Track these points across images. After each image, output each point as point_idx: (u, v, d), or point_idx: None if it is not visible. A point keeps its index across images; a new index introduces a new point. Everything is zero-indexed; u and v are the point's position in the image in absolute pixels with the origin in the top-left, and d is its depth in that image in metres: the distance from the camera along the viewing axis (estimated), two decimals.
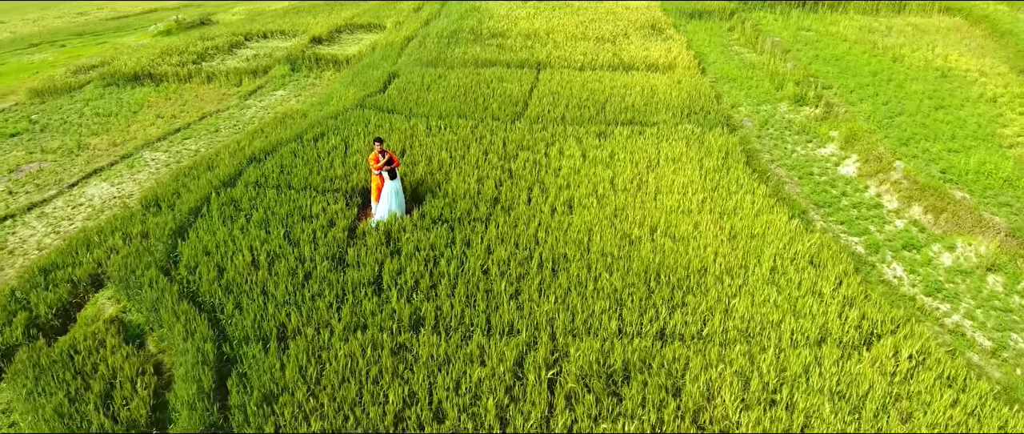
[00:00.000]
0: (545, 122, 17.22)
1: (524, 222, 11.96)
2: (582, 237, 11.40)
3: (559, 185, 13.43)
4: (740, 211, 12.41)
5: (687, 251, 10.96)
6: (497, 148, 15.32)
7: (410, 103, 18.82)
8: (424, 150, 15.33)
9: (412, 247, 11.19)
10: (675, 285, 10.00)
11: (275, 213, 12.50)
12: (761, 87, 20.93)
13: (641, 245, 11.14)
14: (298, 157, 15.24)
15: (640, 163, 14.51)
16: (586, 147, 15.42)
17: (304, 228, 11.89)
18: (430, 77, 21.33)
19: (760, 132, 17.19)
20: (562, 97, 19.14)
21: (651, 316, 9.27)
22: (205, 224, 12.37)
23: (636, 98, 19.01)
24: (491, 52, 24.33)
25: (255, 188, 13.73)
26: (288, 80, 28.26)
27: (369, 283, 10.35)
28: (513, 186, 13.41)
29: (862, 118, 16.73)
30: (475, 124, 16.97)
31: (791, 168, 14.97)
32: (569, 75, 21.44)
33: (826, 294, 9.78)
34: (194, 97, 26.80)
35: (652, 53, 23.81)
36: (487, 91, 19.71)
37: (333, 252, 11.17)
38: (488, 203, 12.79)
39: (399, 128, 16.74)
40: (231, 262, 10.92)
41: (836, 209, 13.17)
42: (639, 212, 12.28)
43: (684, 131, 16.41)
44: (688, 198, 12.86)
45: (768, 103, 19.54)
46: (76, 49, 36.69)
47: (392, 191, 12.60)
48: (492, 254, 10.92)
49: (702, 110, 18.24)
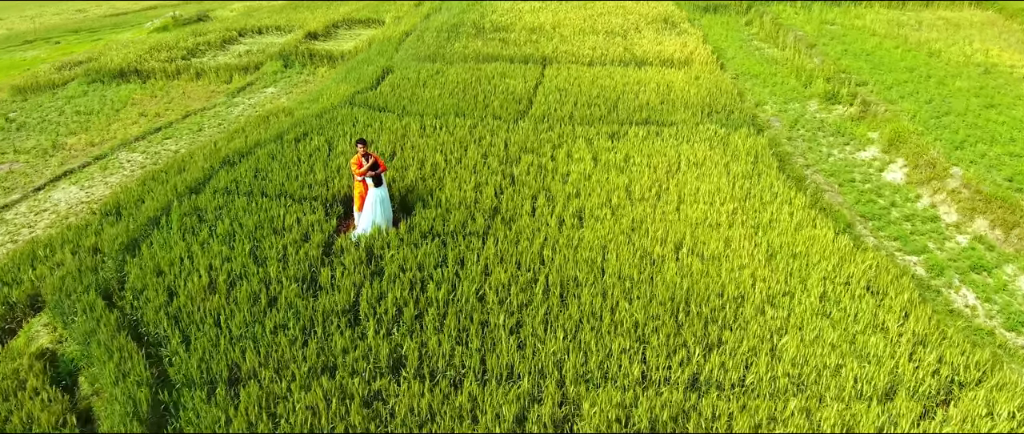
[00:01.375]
0: (551, 121, 15.58)
1: (527, 237, 10.32)
2: (595, 256, 9.75)
3: (568, 193, 11.78)
4: (777, 225, 10.73)
5: (719, 274, 9.30)
6: (498, 150, 13.68)
7: (403, 100, 17.20)
8: (416, 153, 13.70)
9: (396, 267, 9.56)
10: (708, 317, 8.33)
11: (242, 225, 10.89)
12: (787, 84, 19.22)
13: (664, 266, 9.48)
14: (276, 160, 13.64)
15: (659, 168, 12.85)
16: (597, 149, 13.76)
17: (274, 243, 10.28)
18: (427, 73, 19.71)
19: (790, 133, 15.49)
20: (570, 94, 17.48)
21: (681, 358, 7.61)
22: (161, 238, 10.77)
23: (651, 95, 17.34)
24: (493, 47, 22.69)
25: (224, 195, 12.13)
26: (280, 77, 26.75)
27: (343, 311, 8.73)
28: (515, 194, 11.77)
29: (905, 118, 15.01)
30: (474, 123, 15.33)
31: (829, 174, 13.27)
32: (577, 71, 19.78)
33: (891, 330, 8.10)
34: (181, 94, 25.34)
35: (666, 47, 22.12)
36: (488, 87, 18.07)
37: (304, 273, 9.55)
38: (486, 214, 11.15)
39: (390, 128, 15.13)
40: (185, 284, 9.31)
41: (886, 222, 11.47)
42: (660, 226, 10.62)
43: (706, 132, 14.73)
44: (716, 209, 11.19)
45: (796, 101, 17.83)
46: (70, 46, 35.42)
47: (377, 200, 10.97)
48: (489, 277, 9.28)
49: (724, 108, 16.55)
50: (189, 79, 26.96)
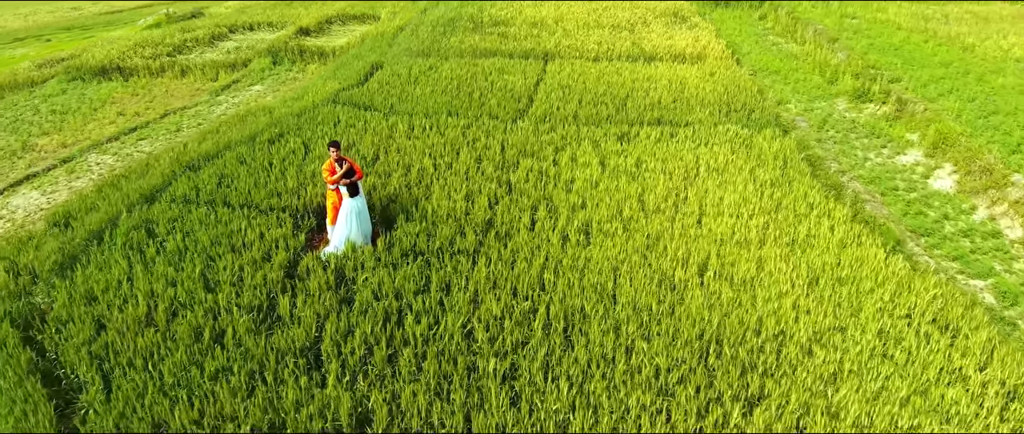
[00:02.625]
0: (553, 121, 14.07)
1: (525, 257, 8.81)
2: (605, 281, 8.23)
3: (572, 204, 10.26)
4: (816, 242, 9.21)
5: (754, 304, 7.78)
6: (493, 154, 12.17)
7: (392, 98, 15.70)
8: (402, 156, 12.20)
9: (369, 294, 8.05)
10: (745, 362, 6.82)
11: (196, 241, 9.41)
12: (810, 80, 17.67)
13: (688, 294, 7.96)
14: (245, 164, 12.15)
15: (675, 174, 11.33)
16: (605, 153, 12.25)
17: (230, 263, 8.79)
18: (419, 68, 18.21)
19: (819, 134, 13.95)
20: (574, 91, 15.96)
21: (716, 418, 6.09)
22: (102, 256, 9.28)
23: (663, 93, 15.82)
24: (492, 41, 21.18)
25: (182, 205, 10.65)
26: (268, 74, 25.29)
27: (302, 350, 7.23)
28: (512, 205, 10.26)
29: (949, 117, 13.45)
30: (468, 123, 13.83)
31: (868, 181, 11.73)
32: (582, 66, 18.25)
33: (972, 379, 6.58)
34: (164, 92, 23.92)
35: (677, 42, 20.58)
36: (485, 84, 16.57)
37: (260, 301, 8.06)
38: (479, 228, 9.65)
39: (375, 128, 13.63)
40: (119, 314, 7.83)
41: (941, 239, 9.93)
42: (680, 243, 9.10)
43: (726, 133, 13.20)
44: (743, 223, 9.66)
45: (822, 99, 16.29)
46: (61, 43, 34.16)
47: (352, 212, 9.47)
48: (479, 307, 7.77)
49: (744, 107, 15.02)
50: (173, 77, 25.56)
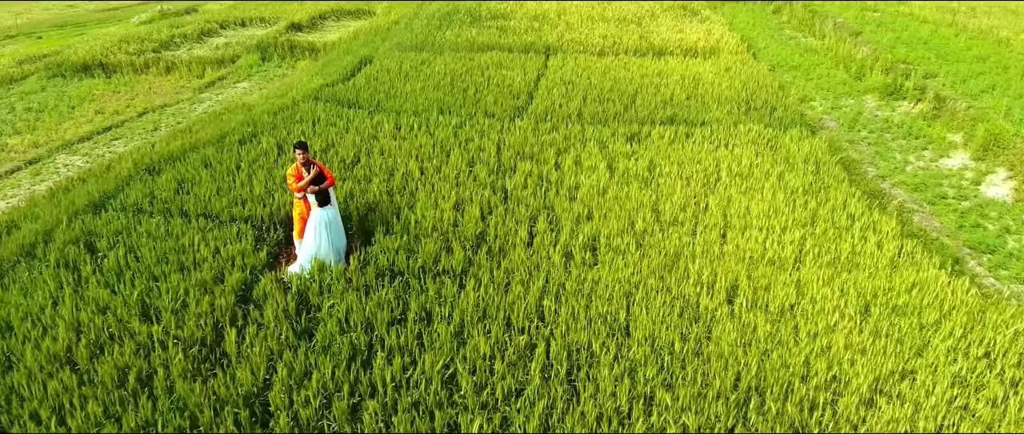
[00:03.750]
0: (556, 120, 12.72)
1: (521, 279, 7.46)
2: (616, 309, 6.88)
3: (577, 214, 8.90)
4: (863, 261, 7.85)
5: (796, 340, 6.43)
6: (488, 156, 10.82)
7: (379, 95, 14.36)
8: (385, 159, 10.86)
9: (335, 326, 6.71)
10: (795, 421, 5.46)
11: (140, 258, 8.08)
12: (833, 76, 16.29)
13: (717, 328, 6.60)
14: (209, 167, 10.82)
15: (694, 179, 9.97)
16: (614, 155, 10.90)
17: (175, 285, 7.46)
18: (411, 63, 16.86)
19: (851, 134, 12.57)
20: (578, 87, 14.61)
21: None
22: (29, 276, 7.95)
23: (675, 89, 14.45)
24: (490, 35, 19.83)
25: (133, 214, 9.33)
26: (256, 70, 24.03)
27: (247, 400, 5.90)
28: (508, 215, 8.91)
29: (996, 116, 12.06)
30: (461, 122, 12.49)
31: (912, 188, 10.35)
32: (586, 61, 16.90)
33: None
34: (147, 90, 22.69)
35: (688, 36, 19.21)
36: (481, 79, 15.21)
37: (204, 333, 6.72)
38: (469, 244, 8.30)
39: (358, 127, 12.29)
40: (32, 350, 6.50)
41: (1006, 256, 8.55)
42: (704, 263, 7.75)
43: (748, 133, 11.84)
44: (776, 238, 8.30)
45: (849, 96, 14.91)
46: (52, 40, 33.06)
47: (321, 224, 8.14)
48: (466, 345, 6.42)
49: (765, 105, 13.65)
50: (158, 73, 24.35)
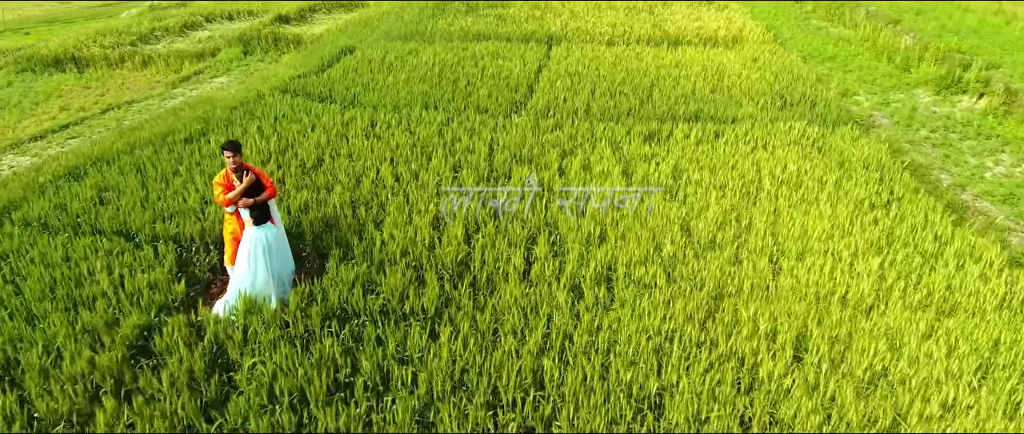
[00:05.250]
0: (560, 116, 10.81)
1: (514, 327, 5.55)
2: (645, 375, 4.96)
3: (586, 235, 6.99)
4: (964, 301, 5.93)
5: (905, 421, 4.52)
6: (477, 160, 8.91)
7: (356, 87, 12.46)
8: (354, 162, 8.96)
9: (253, 400, 4.82)
10: None
11: (22, 291, 6.20)
12: (875, 68, 14.36)
13: (787, 406, 4.69)
14: (141, 171, 8.93)
15: (731, 189, 8.05)
16: (630, 158, 8.98)
17: (54, 333, 5.57)
18: (396, 53, 14.97)
19: (909, 134, 10.63)
20: (585, 80, 12.69)
21: None
22: None
23: (697, 81, 12.54)
24: (486, 24, 17.94)
25: (34, 230, 7.44)
26: (236, 64, 22.20)
27: None
28: (498, 236, 7.00)
29: None
30: (448, 118, 10.60)
31: (1001, 199, 8.41)
32: (594, 51, 14.99)
33: None
34: (120, 85, 20.91)
35: (707, 24, 17.30)
36: (474, 71, 13.30)
37: (76, 404, 4.84)
38: (447, 273, 6.39)
39: (326, 124, 10.40)
40: None
41: None
42: (756, 304, 5.83)
43: (790, 132, 9.91)
44: (845, 267, 6.38)
45: (897, 89, 12.98)
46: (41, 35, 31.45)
47: (258, 248, 6.23)
48: (432, 431, 4.52)
49: (804, 99, 11.73)
50: (133, 68, 22.57)
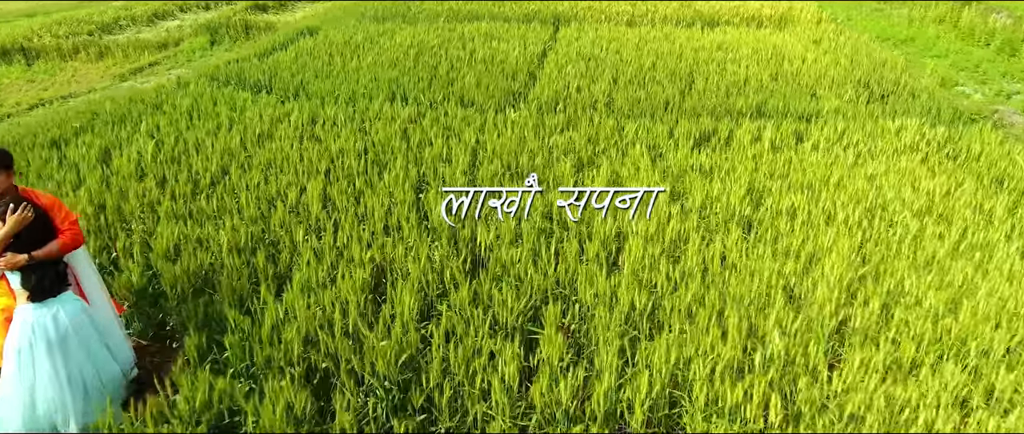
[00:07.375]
0: (572, 110, 7.88)
1: None
2: None
3: (625, 309, 4.06)
4: None
5: None
6: (453, 174, 5.98)
7: (305, 73, 9.55)
8: (273, 177, 6.05)
9: None
10: None
11: None
12: (970, 53, 11.47)
13: None
14: None
15: (839, 220, 5.13)
16: (677, 171, 6.07)
17: None
18: (364, 34, 12.07)
19: None
20: (605, 65, 9.77)
21: None
22: None
23: (750, 67, 9.62)
24: (481, 4, 15.06)
25: None
26: (200, 54, 19.31)
27: None
28: (477, 308, 4.08)
29: None
30: (419, 113, 7.69)
31: None
32: (612, 32, 12.09)
33: None
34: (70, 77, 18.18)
35: (748, 2, 14.38)
36: (460, 54, 10.38)
37: None
38: (380, 386, 3.48)
39: (249, 120, 7.51)
40: None
41: None
42: None
43: (901, 132, 6.99)
44: None
45: (1009, 78, 10.10)
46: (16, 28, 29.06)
47: (39, 341, 3.31)
48: None
49: (897, 89, 8.81)
50: (88, 59, 19.82)
